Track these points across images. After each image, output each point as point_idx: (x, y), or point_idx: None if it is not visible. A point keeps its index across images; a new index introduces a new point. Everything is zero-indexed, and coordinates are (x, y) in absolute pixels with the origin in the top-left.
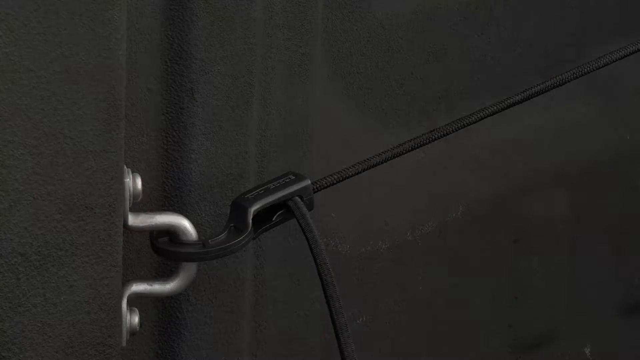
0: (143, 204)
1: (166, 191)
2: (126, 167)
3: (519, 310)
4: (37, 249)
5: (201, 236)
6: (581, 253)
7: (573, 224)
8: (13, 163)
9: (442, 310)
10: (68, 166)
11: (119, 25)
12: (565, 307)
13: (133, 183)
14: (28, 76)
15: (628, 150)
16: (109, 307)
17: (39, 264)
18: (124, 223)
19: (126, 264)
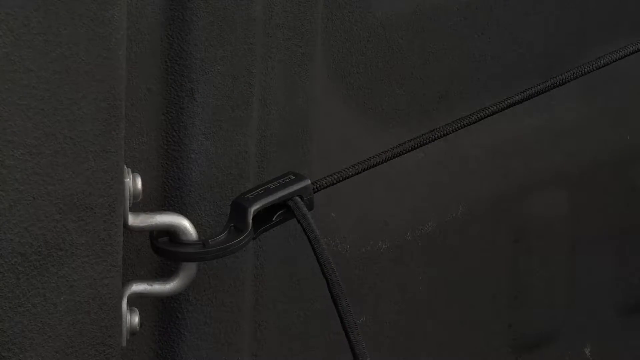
0: (143, 204)
1: (166, 191)
2: (126, 167)
3: (519, 310)
4: (37, 249)
5: (201, 236)
6: (581, 253)
7: (573, 224)
8: (13, 163)
9: (442, 310)
10: (68, 166)
11: (119, 25)
12: (565, 307)
13: (133, 183)
14: (28, 76)
15: (628, 150)
16: (109, 307)
17: (39, 264)
18: (124, 223)
19: (126, 264)
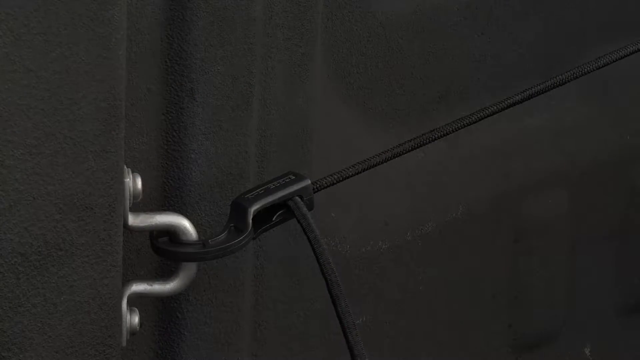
0: (143, 204)
1: (166, 191)
2: (126, 167)
3: (519, 310)
4: (37, 249)
5: (201, 236)
6: (581, 253)
7: (573, 224)
8: (13, 163)
9: (442, 310)
10: (68, 166)
11: (119, 25)
12: (565, 307)
13: (133, 183)
14: (28, 76)
15: (628, 150)
16: (109, 307)
17: (39, 264)
18: (124, 223)
19: (126, 264)
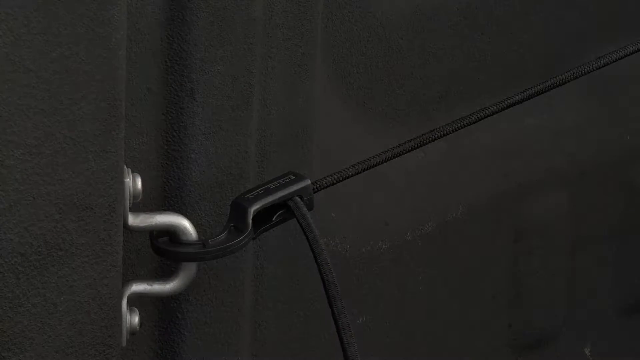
0: (143, 204)
1: (166, 191)
2: (126, 167)
3: (519, 310)
4: (37, 249)
5: (201, 236)
6: (581, 253)
7: (573, 224)
8: (13, 163)
9: (442, 310)
10: (68, 166)
11: (119, 25)
12: (565, 307)
13: (133, 183)
14: (28, 76)
15: (628, 150)
16: (109, 307)
17: (39, 264)
18: (124, 223)
19: (126, 264)
